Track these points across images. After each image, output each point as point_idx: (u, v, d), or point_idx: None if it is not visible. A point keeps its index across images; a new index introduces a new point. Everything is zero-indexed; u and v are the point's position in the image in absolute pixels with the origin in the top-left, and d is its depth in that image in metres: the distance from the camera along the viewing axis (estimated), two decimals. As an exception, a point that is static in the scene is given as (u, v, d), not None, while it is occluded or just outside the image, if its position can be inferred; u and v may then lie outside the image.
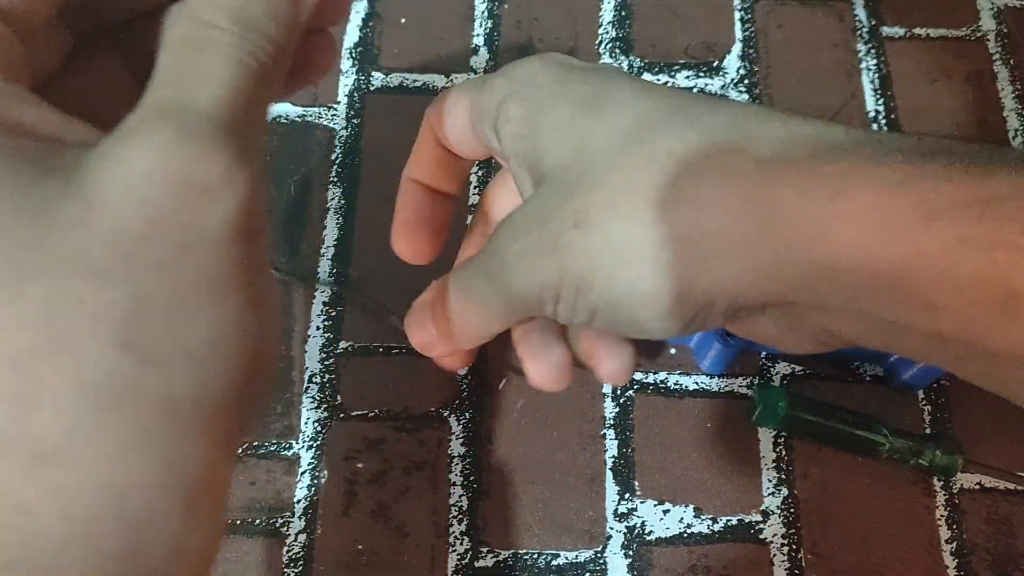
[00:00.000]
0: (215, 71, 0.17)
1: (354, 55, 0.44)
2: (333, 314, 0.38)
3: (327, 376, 0.37)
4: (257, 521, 0.34)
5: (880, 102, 0.43)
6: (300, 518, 0.35)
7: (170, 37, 0.17)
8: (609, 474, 0.35)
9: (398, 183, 0.27)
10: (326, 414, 0.36)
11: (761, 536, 0.34)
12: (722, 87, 0.43)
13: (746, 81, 0.43)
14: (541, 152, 0.22)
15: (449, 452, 0.35)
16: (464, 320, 0.24)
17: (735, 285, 0.20)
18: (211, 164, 0.16)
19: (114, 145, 0.15)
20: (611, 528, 0.34)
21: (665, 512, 0.35)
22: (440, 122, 0.26)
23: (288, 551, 0.34)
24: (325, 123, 0.42)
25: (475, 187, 0.41)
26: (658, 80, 0.43)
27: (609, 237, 0.20)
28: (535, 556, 0.34)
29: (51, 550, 0.15)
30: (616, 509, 0.35)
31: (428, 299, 0.26)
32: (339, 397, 0.36)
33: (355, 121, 0.42)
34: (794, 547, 0.34)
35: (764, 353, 0.37)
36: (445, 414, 0.36)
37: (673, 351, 0.37)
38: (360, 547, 0.34)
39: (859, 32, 0.45)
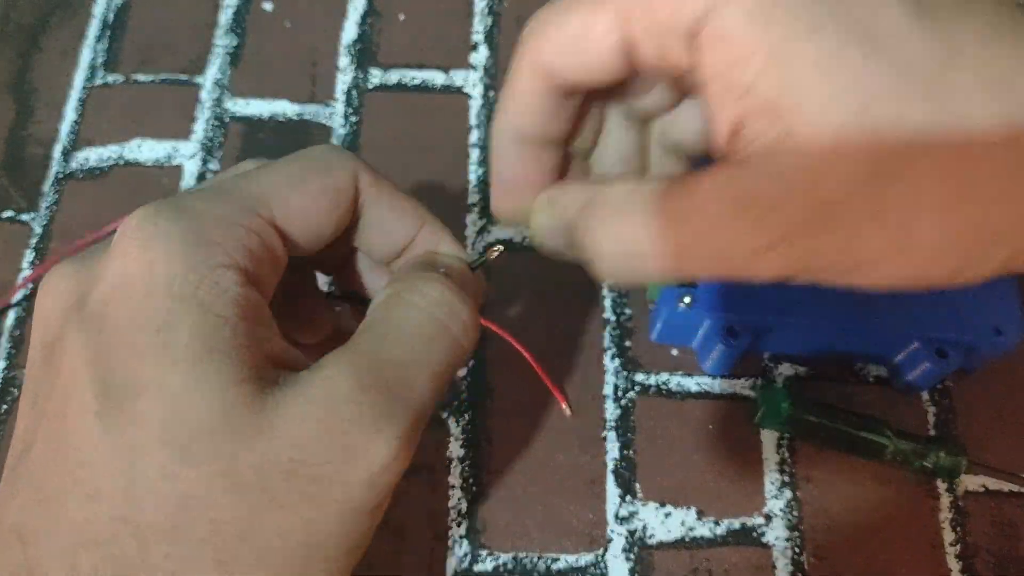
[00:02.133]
0: (414, 353, 0.20)
1: (352, 52, 0.44)
2: (331, 314, 0.37)
3: (325, 377, 0.37)
4: (254, 524, 0.34)
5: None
6: (298, 521, 0.34)
7: (378, 306, 0.21)
8: (610, 476, 0.35)
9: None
10: (324, 415, 0.36)
11: (764, 539, 0.34)
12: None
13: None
14: (788, 98, 0.17)
15: (448, 454, 0.35)
16: None
17: None
18: (363, 433, 0.19)
19: (301, 383, 0.19)
20: (612, 531, 0.34)
21: (667, 515, 0.34)
22: (558, 48, 0.20)
23: (285, 554, 0.34)
24: (323, 121, 0.42)
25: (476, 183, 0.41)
26: (659, 77, 0.43)
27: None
28: (535, 559, 0.33)
29: None
30: (617, 512, 0.34)
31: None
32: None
33: (353, 119, 0.42)
34: (797, 550, 0.34)
35: (767, 354, 0.37)
36: (444, 416, 0.36)
37: (675, 352, 0.37)
38: (358, 550, 0.33)
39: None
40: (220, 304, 0.19)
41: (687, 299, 0.33)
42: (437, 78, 0.43)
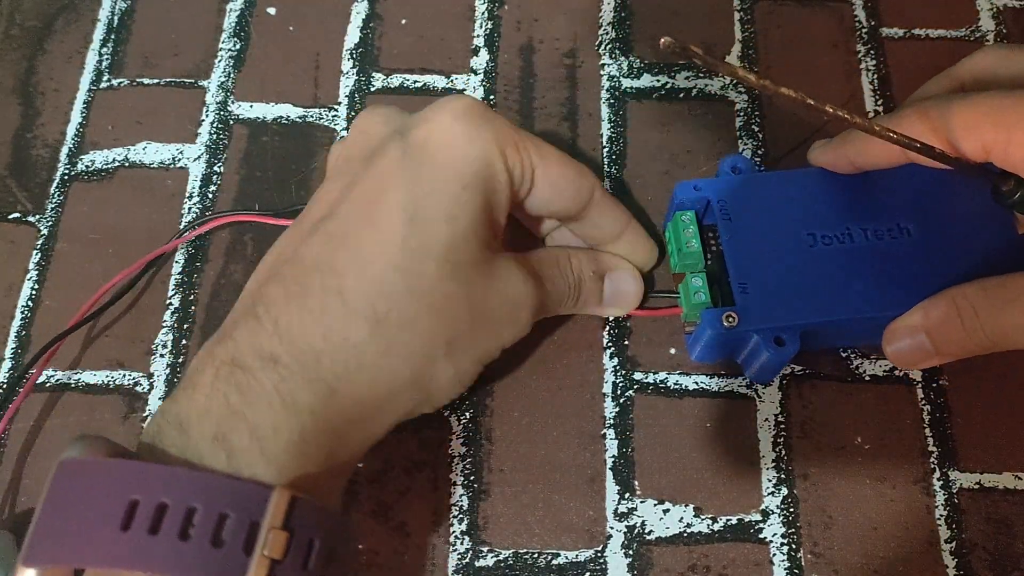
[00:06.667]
0: (560, 289, 0.34)
1: (354, 56, 0.44)
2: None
3: (328, 376, 0.37)
4: (258, 521, 0.34)
5: (880, 103, 0.43)
6: (301, 518, 0.35)
7: (546, 257, 0.34)
8: (609, 474, 0.35)
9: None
10: (327, 414, 0.37)
11: (761, 536, 0.34)
12: (721, 87, 0.43)
13: (746, 82, 0.43)
14: None
15: (450, 452, 0.36)
16: None
17: None
18: (525, 308, 0.31)
19: (507, 264, 0.30)
20: (611, 527, 0.34)
21: (665, 512, 0.35)
22: (958, 133, 0.27)
23: (289, 551, 0.34)
24: (326, 124, 0.42)
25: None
26: (657, 81, 0.43)
27: None
28: (535, 555, 0.34)
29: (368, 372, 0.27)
30: (616, 508, 0.35)
31: None
32: (340, 397, 0.36)
33: (355, 121, 0.42)
34: (794, 547, 0.34)
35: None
36: (446, 414, 0.36)
37: (673, 351, 0.37)
38: (360, 547, 0.34)
39: (858, 32, 0.45)
40: (497, 194, 0.29)
41: (731, 317, 0.33)
42: (438, 82, 0.43)
